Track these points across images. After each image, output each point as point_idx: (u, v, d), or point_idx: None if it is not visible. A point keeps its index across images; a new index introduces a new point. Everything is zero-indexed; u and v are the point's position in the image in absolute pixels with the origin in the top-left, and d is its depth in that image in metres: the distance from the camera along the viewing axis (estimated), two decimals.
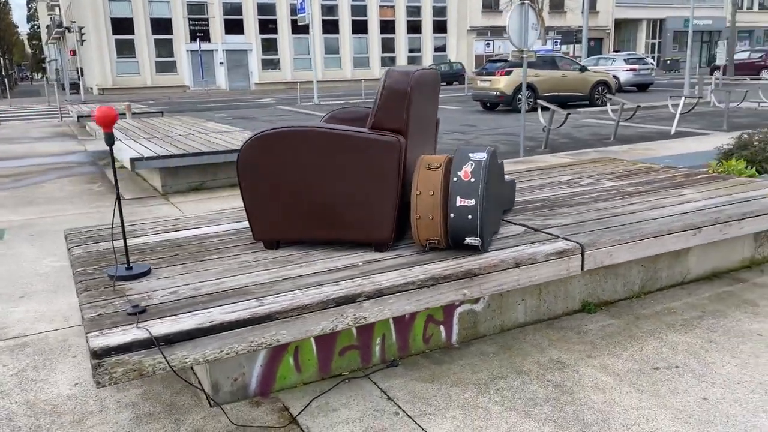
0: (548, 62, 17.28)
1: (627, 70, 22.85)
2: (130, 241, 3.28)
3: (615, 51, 46.47)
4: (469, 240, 2.76)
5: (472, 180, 2.68)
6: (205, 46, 36.29)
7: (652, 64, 24.17)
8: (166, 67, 36.31)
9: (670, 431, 2.35)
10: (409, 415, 2.50)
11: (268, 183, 2.86)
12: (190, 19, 36.16)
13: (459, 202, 2.70)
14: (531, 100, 16.84)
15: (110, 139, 2.59)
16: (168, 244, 3.18)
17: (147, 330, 2.10)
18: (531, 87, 16.63)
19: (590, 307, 3.43)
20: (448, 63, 37.49)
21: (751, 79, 27.96)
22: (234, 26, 37.24)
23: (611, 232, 3.11)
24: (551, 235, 3.09)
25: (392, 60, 42.23)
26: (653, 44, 52.06)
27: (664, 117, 14.71)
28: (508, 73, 16.47)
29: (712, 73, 28.70)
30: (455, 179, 2.71)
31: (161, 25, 35.75)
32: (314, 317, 2.35)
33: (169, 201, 6.66)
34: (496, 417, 2.47)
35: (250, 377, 2.60)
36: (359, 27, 40.79)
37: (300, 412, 2.53)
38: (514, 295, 3.15)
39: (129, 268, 2.71)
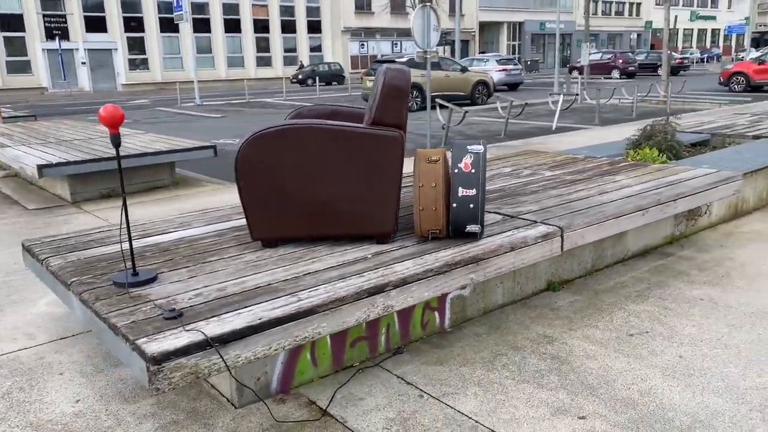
0: (432, 63, 17.95)
1: (499, 71, 24.25)
2: (106, 249, 3.11)
3: (481, 52, 48.92)
4: (470, 228, 2.93)
5: (473, 171, 2.86)
6: (64, 44, 33.71)
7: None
8: (18, 67, 33.30)
9: (664, 386, 2.67)
10: (433, 397, 2.63)
11: (268, 182, 2.86)
12: (44, 16, 33.41)
13: (461, 192, 2.86)
14: (419, 99, 17.42)
15: (117, 140, 2.47)
16: (154, 249, 3.06)
17: (201, 332, 2.07)
18: (418, 87, 17.21)
19: (554, 286, 3.74)
20: (326, 63, 37.61)
21: (605, 78, 30.73)
22: (96, 24, 34.89)
23: (580, 215, 3.42)
24: (528, 220, 3.35)
25: (267, 60, 41.65)
26: (514, 46, 55.39)
27: (541, 114, 15.81)
28: None
29: (570, 73, 31.12)
30: (456, 171, 2.87)
31: (11, 22, 32.73)
32: (350, 308, 2.41)
33: (83, 209, 6.24)
34: (513, 390, 2.67)
35: (272, 375, 2.60)
36: (232, 26, 39.80)
37: (329, 404, 2.57)
38: (495, 279, 3.37)
39: (135, 274, 2.60)
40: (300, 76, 36.23)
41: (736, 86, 21.34)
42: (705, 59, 55.34)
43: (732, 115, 8.84)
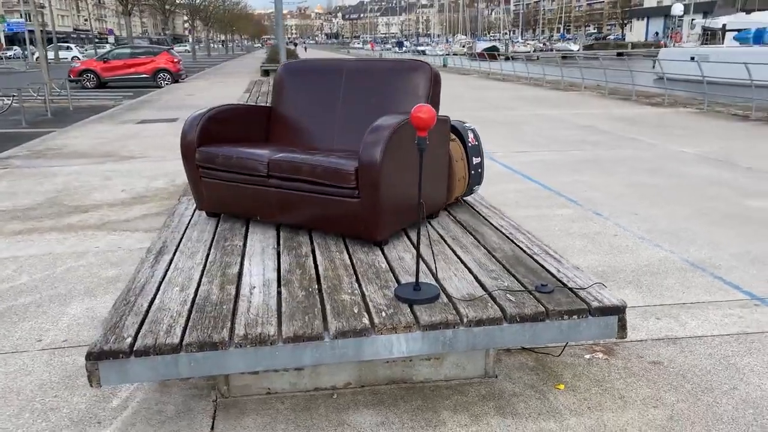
0: None
1: None
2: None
3: None
4: (475, 188, 3.65)
5: (476, 143, 3.58)
6: None
7: None
8: None
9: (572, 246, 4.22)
10: None
11: (392, 178, 2.81)
12: None
13: (474, 161, 3.55)
14: None
15: (425, 144, 2.16)
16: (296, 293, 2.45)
17: (600, 283, 2.39)
18: None
19: None
20: None
21: None
22: None
23: None
24: None
25: None
26: None
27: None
28: None
29: None
30: (469, 144, 3.53)
31: None
32: None
33: None
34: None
35: None
36: None
37: None
38: None
39: (418, 288, 2.30)
40: None
41: (87, 83, 22.33)
42: None
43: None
